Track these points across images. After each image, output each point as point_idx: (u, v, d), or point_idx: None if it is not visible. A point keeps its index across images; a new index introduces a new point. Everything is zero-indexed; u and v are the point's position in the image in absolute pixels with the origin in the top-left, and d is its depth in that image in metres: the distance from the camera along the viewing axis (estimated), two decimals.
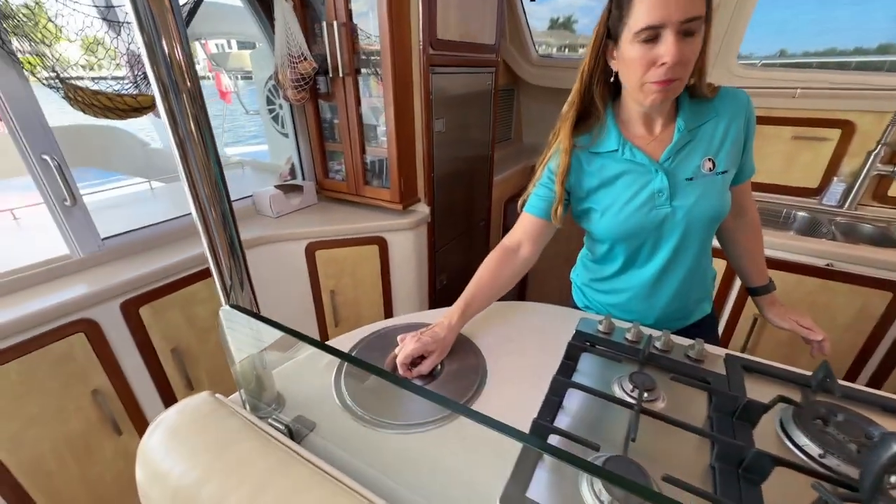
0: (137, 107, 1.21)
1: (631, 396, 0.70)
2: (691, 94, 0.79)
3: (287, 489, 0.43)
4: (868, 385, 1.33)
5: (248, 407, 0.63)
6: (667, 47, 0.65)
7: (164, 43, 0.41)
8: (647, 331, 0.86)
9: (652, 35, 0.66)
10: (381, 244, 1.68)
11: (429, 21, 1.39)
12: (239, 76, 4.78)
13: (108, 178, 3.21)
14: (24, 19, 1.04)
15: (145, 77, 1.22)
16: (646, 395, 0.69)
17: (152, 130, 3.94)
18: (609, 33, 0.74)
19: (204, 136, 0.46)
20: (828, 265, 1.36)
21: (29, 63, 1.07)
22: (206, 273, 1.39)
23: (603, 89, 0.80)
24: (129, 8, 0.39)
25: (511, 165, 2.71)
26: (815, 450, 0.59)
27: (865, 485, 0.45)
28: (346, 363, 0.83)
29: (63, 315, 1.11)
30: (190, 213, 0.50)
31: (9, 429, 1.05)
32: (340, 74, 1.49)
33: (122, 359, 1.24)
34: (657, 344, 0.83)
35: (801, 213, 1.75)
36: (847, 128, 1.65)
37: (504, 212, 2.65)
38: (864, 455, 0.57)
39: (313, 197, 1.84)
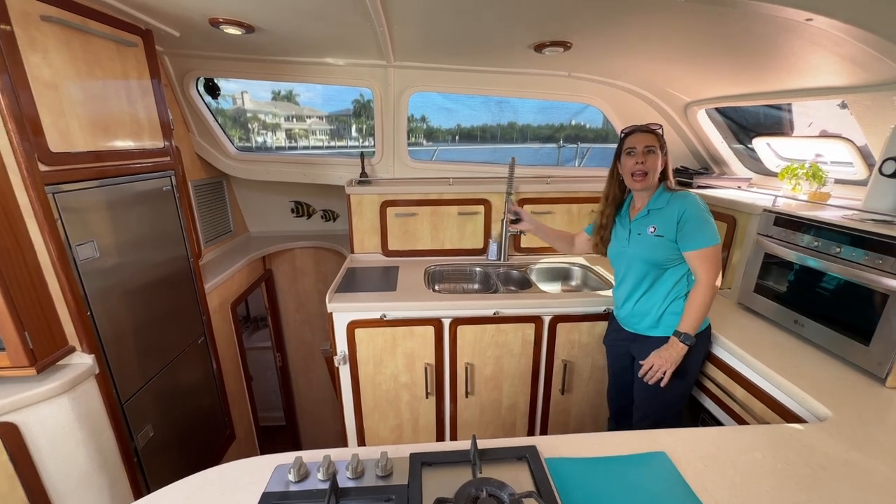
0: None
1: None
2: (664, 189, 1.38)
3: None
4: (541, 381, 1.74)
5: None
6: (638, 157, 1.36)
7: None
8: (339, 457, 0.84)
9: (631, 151, 1.37)
10: (8, 432, 1.14)
11: (26, 132, 1.08)
12: None
13: None
14: None
15: None
16: None
17: None
18: (618, 157, 1.44)
19: None
20: (495, 313, 1.75)
21: None
22: None
23: (620, 186, 1.50)
24: None
25: (237, 259, 2.45)
26: None
27: None
28: None
29: None
30: None
31: None
32: None
33: None
34: (348, 473, 0.82)
35: (477, 269, 2.23)
36: (486, 204, 2.24)
37: (233, 316, 2.33)
38: None
39: None
